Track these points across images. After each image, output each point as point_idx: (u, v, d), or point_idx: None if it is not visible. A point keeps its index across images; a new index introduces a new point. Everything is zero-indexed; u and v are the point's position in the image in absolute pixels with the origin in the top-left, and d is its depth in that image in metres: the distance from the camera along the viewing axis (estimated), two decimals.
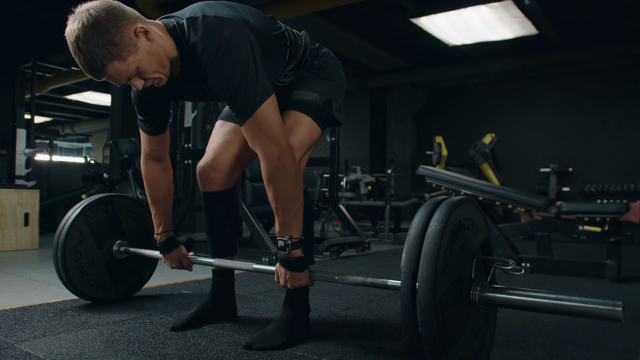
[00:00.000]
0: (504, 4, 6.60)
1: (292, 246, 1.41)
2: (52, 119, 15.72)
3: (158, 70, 1.34)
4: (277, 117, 1.37)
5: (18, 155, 5.15)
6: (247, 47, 1.34)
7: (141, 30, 1.28)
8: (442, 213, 1.07)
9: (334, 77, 1.66)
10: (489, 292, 1.14)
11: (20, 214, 4.06)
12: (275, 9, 6.68)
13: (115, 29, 1.23)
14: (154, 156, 1.69)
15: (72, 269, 1.96)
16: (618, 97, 9.08)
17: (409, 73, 10.09)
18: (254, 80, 1.33)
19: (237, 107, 1.34)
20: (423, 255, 1.02)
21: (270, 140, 1.34)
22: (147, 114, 1.60)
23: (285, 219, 1.41)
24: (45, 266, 3.19)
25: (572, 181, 9.37)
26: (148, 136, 1.65)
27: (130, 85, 1.36)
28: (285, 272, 1.45)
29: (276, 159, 1.35)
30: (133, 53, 1.27)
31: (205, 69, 1.33)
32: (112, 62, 1.25)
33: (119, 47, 1.24)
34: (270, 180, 1.37)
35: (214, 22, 1.34)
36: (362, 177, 5.88)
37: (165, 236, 1.79)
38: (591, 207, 2.97)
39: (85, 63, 1.25)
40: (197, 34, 1.34)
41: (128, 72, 1.28)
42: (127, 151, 4.80)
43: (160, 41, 1.34)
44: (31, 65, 5.94)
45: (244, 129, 1.37)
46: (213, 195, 1.74)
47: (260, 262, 3.36)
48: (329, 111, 1.63)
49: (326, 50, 1.72)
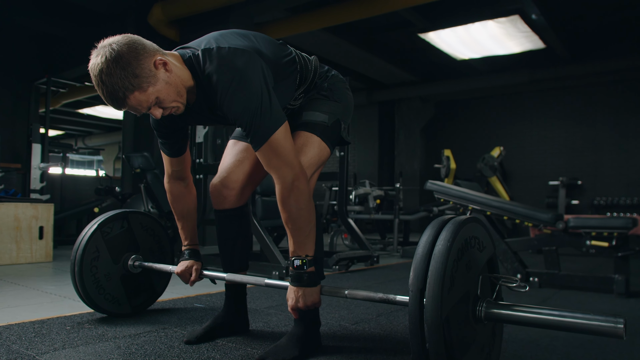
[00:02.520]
0: (511, 18, 6.67)
1: (308, 264, 1.47)
2: (65, 132, 15.95)
3: (176, 99, 1.41)
4: (290, 142, 1.44)
5: (33, 170, 5.25)
6: (260, 77, 1.41)
7: (160, 62, 1.36)
8: (449, 232, 1.12)
9: (343, 99, 1.73)
10: (495, 308, 1.18)
11: (35, 228, 4.14)
12: (286, 26, 6.80)
13: (136, 61, 1.31)
14: (176, 176, 1.78)
15: (88, 283, 2.02)
16: (627, 110, 9.08)
17: (417, 87, 10.16)
18: (268, 109, 1.40)
19: (252, 134, 1.41)
20: (430, 273, 1.07)
21: (284, 165, 1.41)
22: (166, 137, 1.68)
23: (300, 238, 1.46)
24: (60, 279, 3.26)
25: (582, 194, 9.34)
26: (169, 158, 1.74)
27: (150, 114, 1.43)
28: (297, 291, 1.48)
29: (290, 182, 1.42)
30: (153, 84, 1.34)
31: (220, 97, 1.41)
32: (133, 93, 1.32)
33: (140, 78, 1.31)
34: (284, 202, 1.43)
35: (228, 53, 1.41)
36: (371, 191, 5.92)
37: (191, 247, 1.87)
38: (598, 222, 2.99)
39: (108, 94, 1.32)
40: (212, 64, 1.41)
41: (148, 102, 1.36)
42: (140, 165, 4.89)
43: (177, 72, 1.41)
44: (46, 80, 6.08)
45: (259, 154, 1.44)
46: (226, 212, 1.79)
47: (271, 275, 3.41)
48: (338, 131, 1.69)
49: (335, 73, 1.78)
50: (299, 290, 1.48)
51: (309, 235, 1.47)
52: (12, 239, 3.98)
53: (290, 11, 6.85)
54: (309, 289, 1.48)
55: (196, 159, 4.17)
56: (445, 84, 9.77)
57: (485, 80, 9.30)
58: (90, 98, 10.38)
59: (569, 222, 3.05)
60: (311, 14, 6.55)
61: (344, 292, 1.45)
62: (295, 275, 1.48)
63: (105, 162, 17.05)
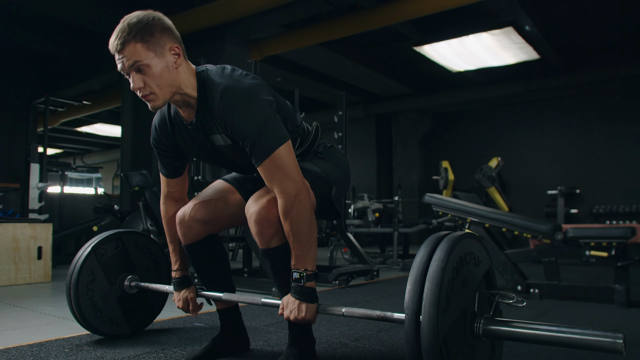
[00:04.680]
0: (505, 30, 6.73)
1: (306, 278, 1.46)
2: (63, 151, 15.98)
3: (161, 87, 1.42)
4: (293, 159, 1.45)
5: (31, 189, 5.25)
6: (267, 97, 1.45)
7: (176, 50, 1.43)
8: (443, 251, 1.12)
9: (340, 165, 1.72)
10: (493, 325, 1.18)
11: (34, 248, 4.13)
12: (282, 42, 6.85)
13: (159, 32, 1.40)
14: (172, 197, 1.78)
15: (85, 307, 2.01)
16: (622, 118, 9.13)
17: (413, 99, 10.22)
18: (273, 125, 1.42)
19: (256, 148, 1.42)
20: (425, 295, 1.07)
21: (288, 179, 1.42)
22: (164, 156, 1.69)
23: (301, 252, 1.45)
24: (58, 300, 3.24)
25: (580, 203, 9.35)
26: (167, 179, 1.74)
27: (138, 95, 1.44)
28: (294, 302, 1.47)
29: (293, 195, 1.42)
30: (156, 55, 1.40)
31: (225, 111, 1.42)
32: (138, 42, 1.37)
33: (152, 41, 1.39)
34: (287, 216, 1.43)
35: (240, 75, 1.47)
36: (370, 205, 5.93)
37: (180, 274, 1.83)
38: (597, 232, 3.00)
39: (119, 29, 1.38)
40: (222, 78, 1.46)
41: (139, 62, 1.38)
42: (138, 183, 4.89)
43: (182, 73, 1.46)
44: (44, 100, 6.09)
45: (261, 169, 1.44)
46: (193, 246, 1.73)
47: (270, 291, 3.40)
48: (327, 191, 1.63)
49: (333, 145, 1.79)
50: (295, 302, 1.47)
51: (309, 249, 1.46)
52: (10, 259, 3.97)
53: (286, 27, 6.91)
54: (307, 305, 1.47)
55: (194, 176, 4.18)
56: (442, 95, 9.83)
57: (481, 91, 9.36)
58: (89, 116, 10.42)
59: (568, 232, 3.05)
60: (307, 29, 6.60)
61: (341, 310, 1.45)
62: (296, 288, 1.46)
63: (104, 180, 17.06)
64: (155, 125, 1.66)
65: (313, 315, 1.48)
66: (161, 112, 1.64)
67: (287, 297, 1.49)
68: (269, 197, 1.47)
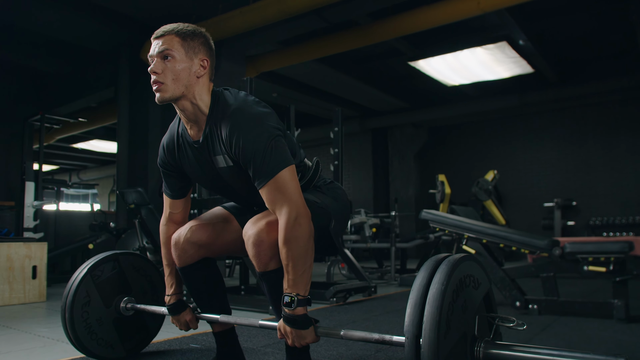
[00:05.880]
0: (499, 45, 6.79)
1: (297, 303, 1.43)
2: (59, 167, 15.94)
3: (175, 82, 1.50)
4: (296, 183, 1.46)
5: (26, 208, 5.22)
6: (275, 125, 1.49)
7: (205, 62, 1.55)
8: (443, 275, 1.11)
9: (339, 199, 1.74)
10: (493, 349, 1.17)
11: (29, 267, 4.09)
12: (277, 58, 6.88)
13: (199, 41, 1.55)
14: (173, 219, 1.78)
15: (80, 329, 1.98)
16: (617, 130, 9.18)
17: (409, 113, 10.26)
18: (278, 149, 1.45)
19: (260, 170, 1.44)
20: (425, 319, 1.06)
21: (290, 202, 1.43)
22: (169, 176, 1.71)
23: (294, 276, 1.43)
24: (53, 320, 3.20)
25: (577, 215, 9.36)
26: (170, 200, 1.75)
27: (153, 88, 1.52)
28: (291, 331, 1.46)
29: (294, 218, 1.42)
30: (186, 55, 1.51)
31: (232, 129, 1.46)
32: (176, 37, 1.51)
33: (189, 43, 1.52)
34: (286, 238, 1.42)
35: (253, 100, 1.53)
36: (367, 220, 5.91)
37: (175, 299, 1.81)
38: (595, 247, 2.99)
39: (170, 24, 1.54)
40: (235, 100, 1.52)
41: (169, 50, 1.50)
42: (134, 201, 4.87)
43: (201, 85, 1.55)
44: (40, 117, 6.09)
45: (264, 190, 1.45)
46: (187, 269, 1.73)
47: (267, 310, 3.36)
48: (326, 223, 1.63)
49: (335, 182, 1.81)
50: (292, 331, 1.45)
51: (303, 275, 1.44)
52: (4, 279, 3.93)
53: (281, 44, 6.95)
54: (300, 331, 1.45)
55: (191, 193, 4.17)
56: (437, 109, 9.88)
57: (476, 105, 9.41)
58: (85, 133, 10.41)
59: (565, 247, 3.04)
60: (302, 45, 6.65)
61: (340, 332, 1.43)
62: (287, 316, 1.44)
63: (100, 196, 16.99)
64: (163, 144, 1.70)
65: (314, 337, 1.47)
66: (170, 131, 1.68)
67: (282, 323, 1.47)
68: (268, 220, 1.46)
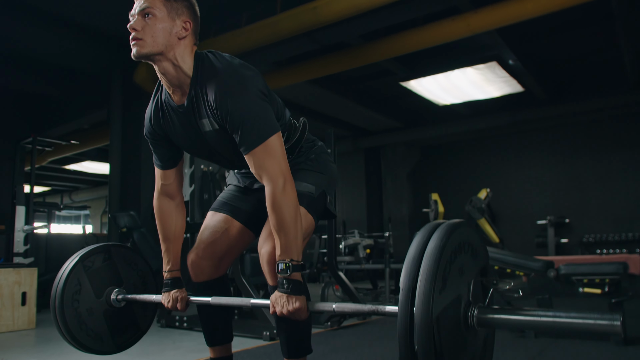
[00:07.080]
0: (489, 65, 6.87)
1: (292, 268, 1.41)
2: (51, 188, 15.82)
3: (154, 39, 1.45)
4: (283, 149, 1.47)
5: (17, 233, 5.15)
6: (262, 88, 1.47)
7: (187, 25, 1.49)
8: (442, 232, 1.12)
9: (327, 171, 1.75)
10: (487, 313, 1.16)
11: (18, 294, 4.02)
12: (270, 79, 6.91)
13: (182, 3, 1.49)
14: (165, 192, 1.73)
15: (70, 318, 1.90)
16: (608, 147, 9.26)
17: (401, 132, 10.30)
18: (266, 115, 1.45)
19: (248, 135, 1.43)
20: (422, 272, 1.06)
21: (277, 168, 1.43)
22: (158, 146, 1.67)
23: (286, 240, 1.42)
24: (42, 349, 3.14)
25: (570, 232, 9.38)
26: (160, 171, 1.71)
27: (131, 35, 1.46)
28: (282, 296, 1.41)
29: (282, 185, 1.43)
30: (168, 15, 1.46)
31: (219, 96, 1.44)
32: None
33: (172, 4, 1.47)
34: (274, 204, 1.43)
35: (238, 62, 1.50)
36: (360, 241, 5.89)
37: (172, 275, 1.76)
38: (590, 269, 2.99)
39: None
40: (219, 63, 1.49)
41: (150, 8, 1.44)
42: (126, 224, 4.83)
43: (182, 47, 1.49)
44: (32, 140, 6.05)
45: (251, 156, 1.45)
46: (204, 284, 1.73)
47: (261, 335, 3.32)
48: (323, 203, 1.71)
49: (321, 144, 1.81)
50: (284, 296, 1.42)
51: (294, 239, 1.43)
52: None
53: (274, 65, 7.00)
54: (293, 296, 1.41)
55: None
56: (429, 129, 9.93)
57: (467, 124, 9.47)
58: (77, 154, 10.36)
59: (560, 269, 3.04)
60: (294, 67, 6.69)
61: (332, 306, 1.38)
62: (282, 281, 1.42)
63: (93, 217, 16.84)
64: (148, 114, 1.66)
65: (303, 306, 1.42)
66: (153, 100, 1.64)
67: (275, 294, 1.44)
68: None
